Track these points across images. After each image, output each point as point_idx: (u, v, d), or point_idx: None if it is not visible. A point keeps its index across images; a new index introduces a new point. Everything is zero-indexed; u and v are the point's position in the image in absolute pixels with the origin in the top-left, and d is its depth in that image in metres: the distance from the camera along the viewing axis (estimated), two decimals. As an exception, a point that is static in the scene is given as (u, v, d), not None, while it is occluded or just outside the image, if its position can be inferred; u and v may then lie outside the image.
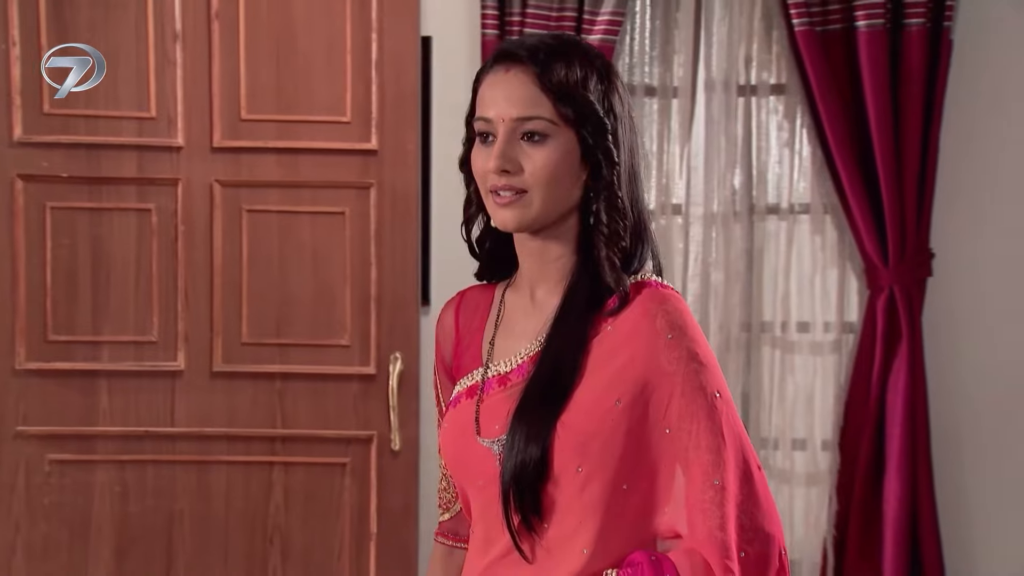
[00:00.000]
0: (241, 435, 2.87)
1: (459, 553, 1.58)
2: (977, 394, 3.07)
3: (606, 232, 1.42)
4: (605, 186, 1.42)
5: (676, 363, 1.38)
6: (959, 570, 3.06)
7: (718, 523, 1.34)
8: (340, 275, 2.85)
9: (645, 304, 1.42)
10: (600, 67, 1.43)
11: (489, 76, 1.45)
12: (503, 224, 1.44)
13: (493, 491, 1.42)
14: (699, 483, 1.35)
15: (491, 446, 1.44)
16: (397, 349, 2.83)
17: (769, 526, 1.37)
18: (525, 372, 1.44)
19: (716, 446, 1.36)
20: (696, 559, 1.34)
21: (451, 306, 1.58)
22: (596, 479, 1.37)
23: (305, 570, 2.88)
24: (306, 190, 2.85)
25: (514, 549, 1.41)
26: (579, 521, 1.38)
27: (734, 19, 3.02)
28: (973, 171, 3.05)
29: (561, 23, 2.99)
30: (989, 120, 3.04)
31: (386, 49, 2.83)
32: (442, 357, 1.57)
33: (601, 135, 1.41)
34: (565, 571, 1.38)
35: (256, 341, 2.86)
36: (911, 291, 2.97)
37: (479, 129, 1.45)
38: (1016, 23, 3.04)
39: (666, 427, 1.37)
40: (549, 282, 1.47)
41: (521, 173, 1.41)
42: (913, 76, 2.91)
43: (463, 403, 1.48)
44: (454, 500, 1.58)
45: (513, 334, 1.48)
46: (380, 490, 2.85)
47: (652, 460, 1.37)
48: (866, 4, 2.91)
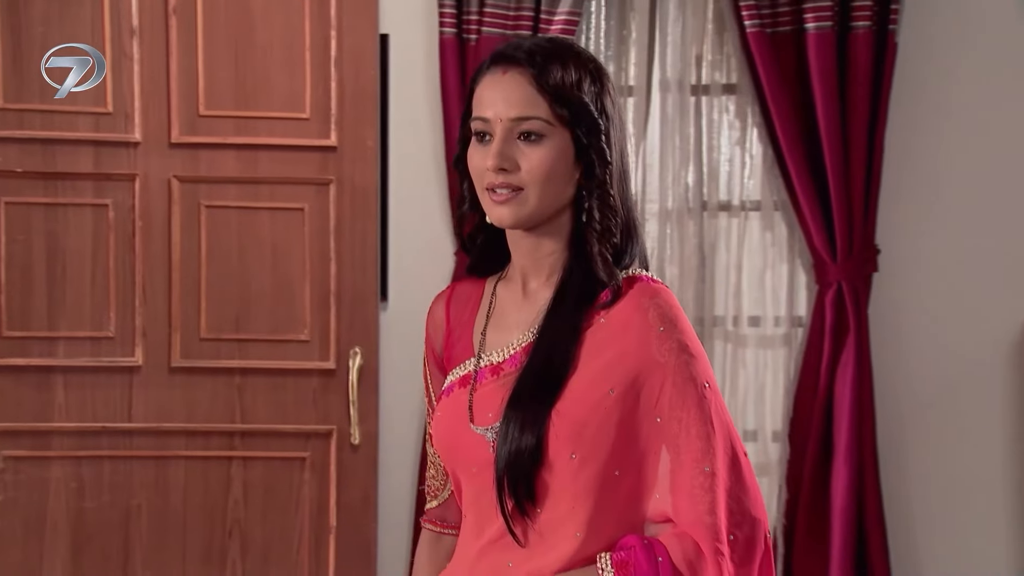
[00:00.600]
0: (200, 430, 2.86)
1: (447, 539, 1.61)
2: (920, 385, 3.16)
3: (599, 229, 1.46)
4: (598, 184, 1.46)
5: (667, 354, 1.43)
6: (903, 556, 3.15)
7: (708, 508, 1.39)
8: (299, 271, 2.85)
9: (637, 298, 1.46)
10: (593, 70, 1.48)
11: (486, 77, 1.48)
12: (499, 221, 1.47)
13: (487, 477, 1.46)
14: (689, 469, 1.40)
15: (484, 433, 1.47)
16: (356, 344, 2.84)
17: (756, 510, 1.42)
18: (518, 362, 1.48)
19: (706, 434, 1.40)
20: (687, 542, 1.39)
21: (442, 299, 1.61)
22: (589, 465, 1.41)
23: (264, 564, 2.88)
24: (265, 186, 2.86)
25: (507, 533, 1.45)
26: (572, 506, 1.42)
27: (687, 20, 3.07)
28: (916, 170, 3.13)
29: (518, 22, 3.02)
30: (932, 120, 3.12)
31: (345, 46, 2.84)
32: (432, 349, 1.60)
33: (595, 135, 1.46)
34: (558, 554, 1.42)
35: (215, 336, 2.86)
36: (858, 286, 3.04)
37: (476, 129, 1.47)
38: (958, 26, 3.12)
39: (657, 415, 1.42)
40: (541, 275, 1.51)
41: (518, 171, 1.44)
42: (860, 77, 2.98)
43: (456, 392, 1.52)
44: (442, 487, 1.61)
45: (505, 325, 1.52)
46: (340, 484, 2.87)
47: (643, 447, 1.42)
48: (815, 7, 2.98)
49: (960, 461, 3.16)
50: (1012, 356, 3.14)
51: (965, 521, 3.17)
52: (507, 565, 1.45)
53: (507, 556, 1.45)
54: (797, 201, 3.04)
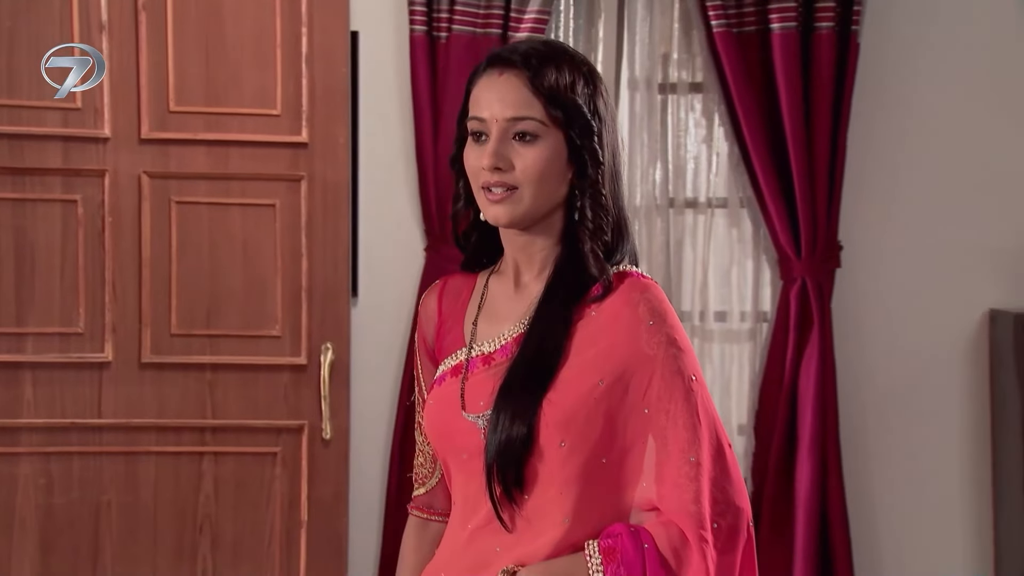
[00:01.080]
0: (170, 426, 2.86)
1: (433, 525, 1.63)
2: (881, 379, 3.21)
3: (591, 227, 1.50)
4: (590, 184, 1.50)
5: (656, 348, 1.46)
6: (865, 546, 3.20)
7: (693, 496, 1.42)
8: (271, 266, 2.85)
9: (627, 293, 1.49)
10: (587, 73, 1.51)
11: (483, 79, 1.50)
12: (495, 219, 1.50)
13: (477, 464, 1.49)
14: (676, 459, 1.43)
15: (476, 421, 1.50)
16: (328, 339, 2.85)
17: (739, 500, 1.46)
18: (509, 352, 1.51)
19: (692, 425, 1.44)
20: (672, 530, 1.42)
21: (434, 291, 1.63)
22: (577, 453, 1.44)
23: (235, 559, 2.88)
24: (236, 182, 2.85)
25: (495, 519, 1.47)
26: (560, 492, 1.45)
27: (655, 20, 3.11)
28: (877, 167, 3.19)
29: (488, 20, 3.04)
30: (893, 119, 3.18)
31: (316, 43, 2.84)
32: (424, 339, 1.62)
33: (587, 136, 1.49)
34: (545, 540, 1.45)
35: (186, 332, 2.85)
36: (822, 281, 3.09)
37: (473, 128, 1.50)
38: (919, 27, 3.18)
39: (645, 407, 1.45)
40: (533, 270, 1.54)
41: (512, 171, 1.47)
42: (823, 76, 3.03)
43: (448, 381, 1.54)
44: (430, 475, 1.64)
45: (497, 317, 1.55)
46: (311, 479, 2.87)
47: (631, 437, 1.45)
48: (779, 8, 3.02)
49: (920, 452, 3.22)
50: (970, 350, 3.20)
51: (925, 511, 3.23)
52: (495, 550, 1.48)
53: (495, 541, 1.48)
54: (762, 198, 3.08)
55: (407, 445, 3.13)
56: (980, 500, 3.21)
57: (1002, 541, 3.15)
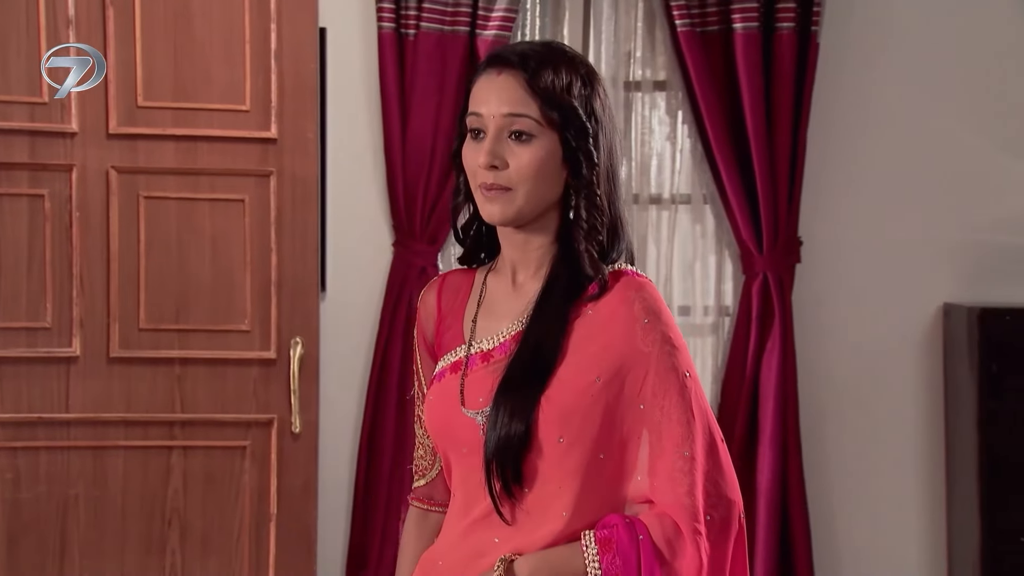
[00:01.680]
0: (139, 420, 2.85)
1: (432, 516, 1.65)
2: (839, 371, 3.27)
3: (585, 228, 1.51)
4: (585, 185, 1.51)
5: (651, 345, 1.48)
6: (824, 535, 3.26)
7: (687, 490, 1.44)
8: (240, 261, 2.85)
9: (623, 291, 1.51)
10: (584, 74, 1.52)
11: (482, 77, 1.52)
12: (489, 218, 1.52)
13: (476, 459, 1.50)
14: (670, 454, 1.45)
15: (475, 417, 1.52)
16: (297, 334, 2.85)
17: (731, 493, 1.48)
18: (507, 349, 1.52)
19: (686, 420, 1.46)
20: (666, 522, 1.45)
21: (433, 287, 1.65)
22: (576, 449, 1.46)
23: (204, 552, 2.88)
24: (205, 177, 2.84)
25: (494, 512, 1.49)
26: (558, 487, 1.47)
27: (620, 19, 3.14)
28: (836, 165, 3.24)
29: (456, 18, 3.05)
30: (850, 118, 3.23)
31: (285, 39, 2.83)
32: (423, 335, 1.64)
33: (583, 138, 1.50)
34: (544, 532, 1.47)
35: (154, 327, 2.84)
36: (782, 276, 3.14)
37: (471, 125, 1.52)
38: (876, 28, 3.24)
39: (641, 403, 1.47)
40: (530, 268, 1.56)
41: (507, 169, 1.49)
42: (784, 75, 3.08)
43: (448, 377, 1.56)
44: (430, 467, 1.65)
45: (495, 314, 1.56)
46: (280, 472, 2.87)
47: (626, 432, 1.47)
48: (742, 8, 3.06)
49: (876, 443, 3.29)
50: (925, 343, 3.27)
51: (882, 501, 3.30)
52: (493, 541, 1.50)
53: (494, 533, 1.50)
54: (725, 194, 3.12)
55: (375, 438, 3.15)
56: (934, 489, 3.28)
57: (955, 529, 3.22)
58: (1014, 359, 2.97)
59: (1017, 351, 2.98)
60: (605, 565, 1.43)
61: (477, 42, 3.06)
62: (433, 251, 3.15)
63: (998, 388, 2.97)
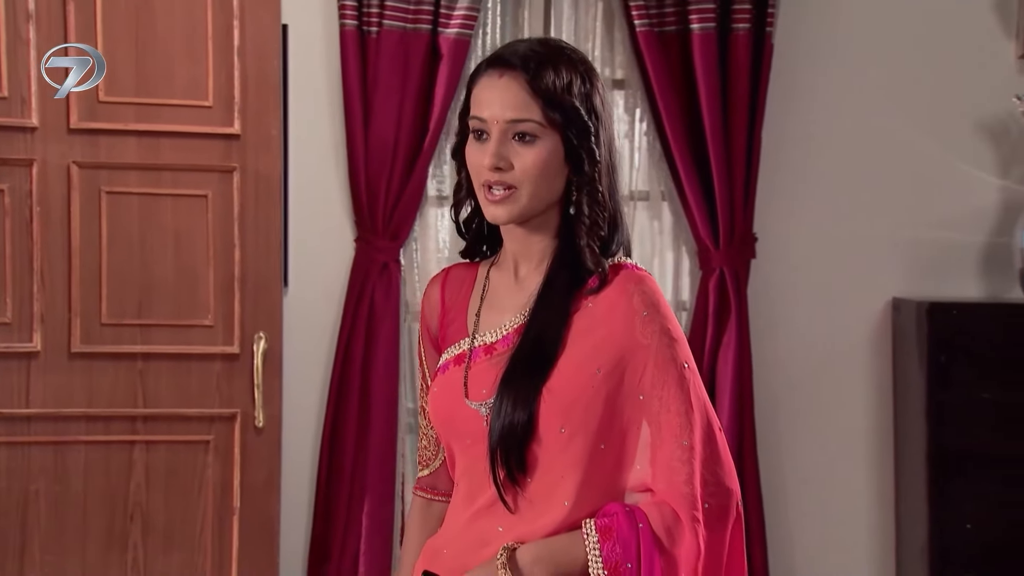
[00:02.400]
0: (101, 415, 2.83)
1: (436, 505, 1.68)
2: (792, 365, 3.33)
3: (587, 223, 1.53)
4: (587, 182, 1.53)
5: (651, 337, 1.50)
6: (777, 524, 3.32)
7: (686, 478, 1.47)
8: (203, 257, 2.84)
9: (623, 284, 1.53)
10: (583, 72, 1.54)
11: (483, 79, 1.54)
12: (494, 218, 1.54)
13: (480, 449, 1.53)
14: (669, 443, 1.48)
15: (479, 408, 1.54)
16: (261, 329, 2.85)
17: (729, 481, 1.51)
18: (510, 342, 1.55)
19: (685, 411, 1.48)
20: (666, 510, 1.47)
21: (437, 281, 1.67)
22: (578, 439, 1.49)
23: (167, 546, 2.87)
24: (168, 173, 2.83)
25: (498, 500, 1.52)
26: (561, 476, 1.50)
27: (580, 18, 3.17)
28: (790, 163, 3.30)
29: (419, 16, 3.06)
30: (803, 117, 3.29)
31: (248, 35, 2.83)
32: (428, 328, 1.66)
33: (584, 137, 1.52)
34: (547, 520, 1.50)
35: (116, 322, 2.83)
36: (738, 271, 3.19)
37: (474, 127, 1.54)
38: (828, 29, 3.29)
39: (640, 393, 1.49)
40: (532, 262, 1.58)
41: (512, 170, 1.51)
42: (740, 75, 3.12)
43: (452, 370, 1.59)
44: (434, 457, 1.68)
45: (498, 308, 1.59)
46: (243, 466, 2.87)
47: (626, 422, 1.50)
48: (699, 8, 3.10)
49: (828, 434, 3.35)
50: (874, 337, 3.34)
51: (834, 493, 3.35)
52: (497, 529, 1.52)
53: (497, 521, 1.52)
54: (683, 191, 3.16)
55: (337, 432, 3.16)
56: (883, 478, 3.35)
57: (903, 517, 3.29)
58: (961, 352, 3.04)
59: (963, 344, 3.05)
60: (606, 552, 1.45)
61: (439, 40, 3.08)
62: (395, 247, 3.16)
63: (945, 380, 3.04)
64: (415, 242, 3.22)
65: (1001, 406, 3.00)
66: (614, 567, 1.45)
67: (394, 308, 3.15)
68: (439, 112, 3.08)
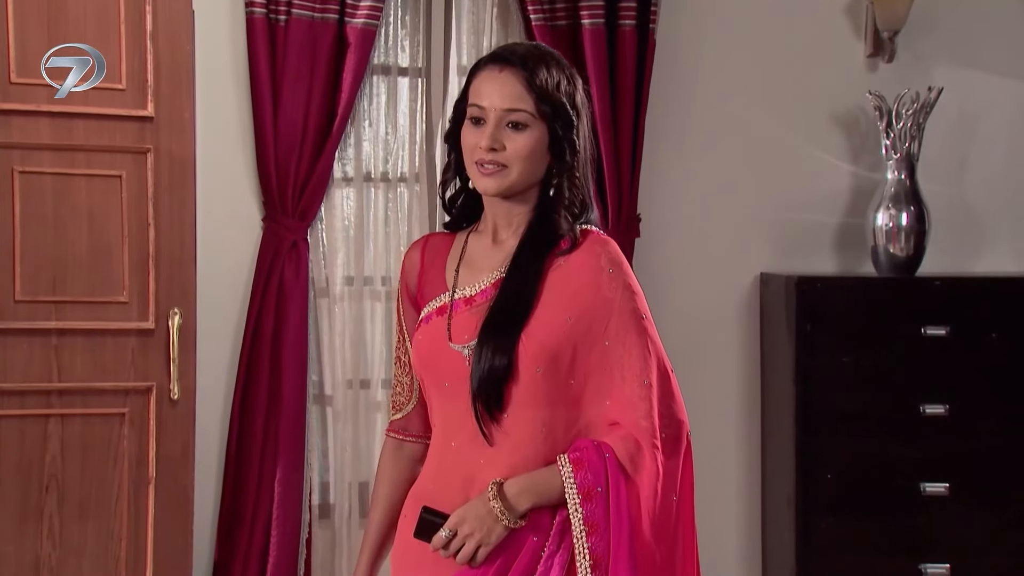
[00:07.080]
0: (15, 390, 2.76)
1: (407, 446, 1.84)
2: (669, 334, 3.35)
3: (566, 202, 1.72)
4: (568, 168, 1.72)
5: (614, 291, 1.69)
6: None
7: (645, 413, 1.67)
8: (117, 235, 2.81)
9: (591, 246, 1.72)
10: (569, 75, 1.73)
11: (484, 72, 1.71)
12: (485, 190, 1.71)
13: (460, 389, 1.68)
14: (631, 383, 1.67)
15: (461, 350, 1.70)
16: (176, 304, 2.83)
17: (680, 415, 1.72)
18: (488, 295, 1.71)
19: (644, 355, 1.68)
20: (629, 440, 1.66)
21: (417, 246, 1.83)
22: (550, 377, 1.66)
23: (82, 516, 2.83)
24: (81, 153, 2.78)
25: (477, 436, 1.68)
26: (535, 412, 1.67)
27: (478, 12, 3.23)
28: (669, 149, 3.44)
29: (326, 5, 3.08)
30: (682, 108, 3.43)
31: (160, 19, 2.79)
32: (407, 285, 1.81)
33: (568, 129, 1.71)
34: (524, 453, 1.67)
35: (30, 299, 2.76)
36: (625, 250, 3.30)
37: (472, 114, 1.70)
38: (703, 28, 3.44)
39: (606, 339, 1.67)
40: (510, 228, 1.75)
41: (504, 151, 1.68)
42: (626, 69, 3.23)
43: (435, 320, 1.74)
44: (407, 402, 1.83)
45: (476, 266, 1.75)
46: (159, 438, 2.85)
47: (593, 364, 1.67)
48: (588, 5, 3.20)
49: (702, 397, 3.46)
50: (744, 308, 3.51)
51: (705, 450, 3.45)
52: (479, 462, 1.68)
53: (479, 454, 1.68)
54: (574, 175, 3.26)
55: (247, 404, 3.17)
56: (751, 437, 3.53)
57: (769, 471, 3.48)
58: (824, 321, 3.23)
59: (827, 313, 3.23)
60: (579, 480, 1.64)
61: (346, 29, 3.10)
62: (303, 226, 3.18)
63: (811, 346, 3.22)
64: (320, 222, 3.24)
65: (859, 368, 3.20)
66: (587, 492, 1.63)
67: (303, 284, 3.17)
68: (347, 98, 3.10)
